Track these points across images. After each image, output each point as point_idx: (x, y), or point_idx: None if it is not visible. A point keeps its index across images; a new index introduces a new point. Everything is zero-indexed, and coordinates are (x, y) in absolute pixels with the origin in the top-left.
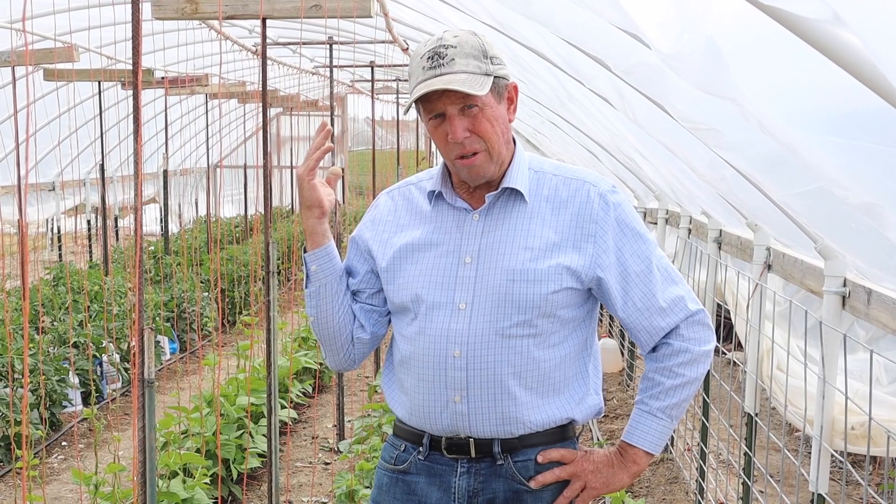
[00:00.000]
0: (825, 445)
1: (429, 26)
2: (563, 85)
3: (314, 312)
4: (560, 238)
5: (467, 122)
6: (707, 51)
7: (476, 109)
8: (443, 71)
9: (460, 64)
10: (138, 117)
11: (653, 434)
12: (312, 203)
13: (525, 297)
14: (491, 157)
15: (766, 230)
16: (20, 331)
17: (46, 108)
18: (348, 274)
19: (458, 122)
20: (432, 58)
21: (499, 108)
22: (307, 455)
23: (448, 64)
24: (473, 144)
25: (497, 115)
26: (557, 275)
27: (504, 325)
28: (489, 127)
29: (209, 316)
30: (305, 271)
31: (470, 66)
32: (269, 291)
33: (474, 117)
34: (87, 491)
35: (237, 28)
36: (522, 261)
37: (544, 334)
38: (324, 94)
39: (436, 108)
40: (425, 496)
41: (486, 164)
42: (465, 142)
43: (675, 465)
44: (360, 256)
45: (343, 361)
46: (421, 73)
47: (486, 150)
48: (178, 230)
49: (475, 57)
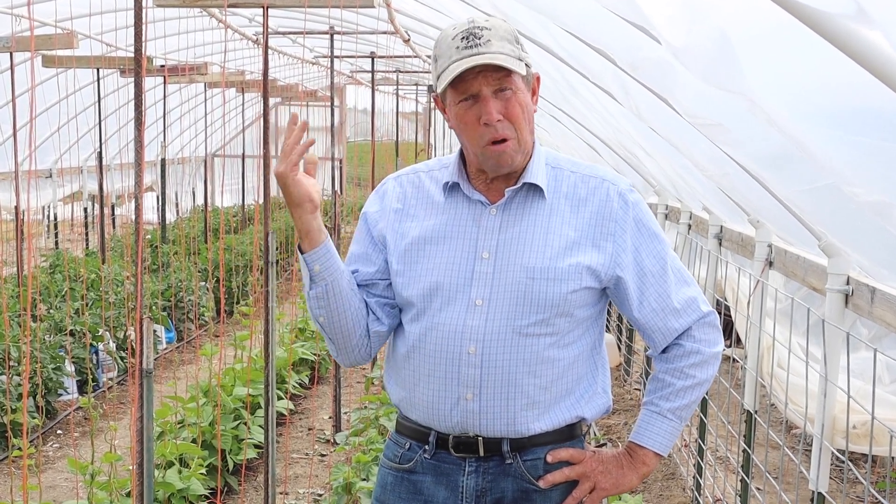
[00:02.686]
0: (826, 444)
1: (431, 17)
2: (566, 78)
3: (324, 314)
4: (579, 236)
5: (500, 105)
6: (717, 44)
7: (510, 93)
8: (481, 50)
9: (497, 45)
10: (140, 105)
11: (662, 435)
12: (302, 199)
13: (545, 295)
14: (519, 144)
15: (768, 227)
16: (16, 318)
17: (45, 95)
18: (362, 265)
19: (491, 104)
20: (467, 38)
21: (527, 95)
22: (304, 446)
23: (485, 44)
24: (505, 130)
25: (526, 102)
26: (577, 274)
27: (522, 324)
28: (519, 113)
29: (206, 306)
30: (307, 274)
31: (506, 49)
32: (267, 282)
33: (507, 101)
34: (83, 480)
35: (237, 17)
36: (543, 259)
37: (560, 333)
38: (323, 85)
39: (470, 89)
40: (432, 495)
41: (515, 152)
42: (498, 125)
43: (673, 462)
44: (374, 247)
45: (358, 357)
46: (455, 52)
47: (516, 137)
48: (176, 219)
49: (509, 41)
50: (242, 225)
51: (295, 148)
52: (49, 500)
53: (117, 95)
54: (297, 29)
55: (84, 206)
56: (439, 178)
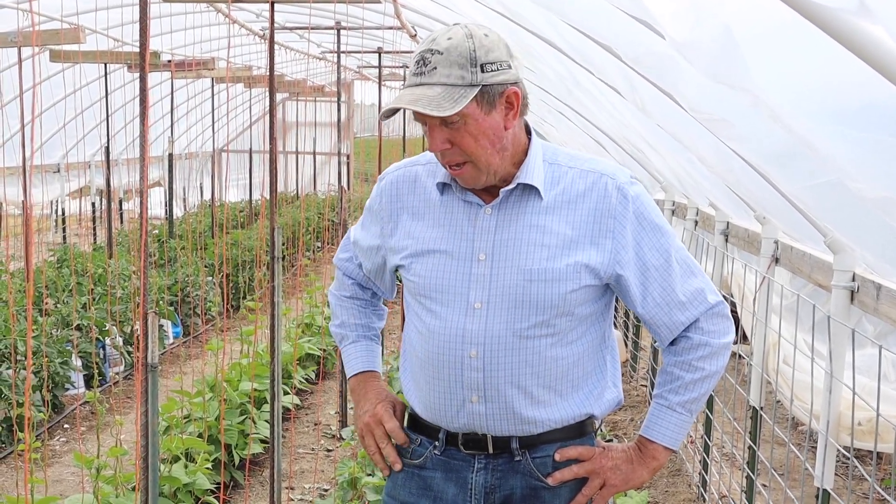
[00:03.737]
0: (831, 440)
1: (437, 12)
2: (572, 73)
3: None
4: (577, 234)
5: (448, 133)
6: (721, 40)
7: (458, 123)
8: (422, 80)
9: (440, 74)
10: (145, 100)
11: (672, 429)
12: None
13: (543, 297)
14: (479, 168)
15: (774, 223)
16: (23, 312)
17: (52, 90)
18: (365, 259)
19: (437, 133)
20: (419, 62)
21: (487, 118)
22: (309, 441)
23: (429, 73)
24: (455, 157)
25: (483, 128)
26: (576, 273)
27: (522, 326)
28: (471, 142)
29: (213, 300)
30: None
31: (451, 77)
32: (273, 277)
33: (456, 130)
34: (89, 474)
35: (244, 12)
36: (539, 259)
37: (562, 332)
38: (330, 80)
39: (417, 117)
40: (441, 492)
41: (474, 174)
42: (445, 153)
43: (678, 458)
44: (378, 240)
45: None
46: (409, 76)
47: (472, 162)
48: (183, 214)
49: (461, 66)
50: (249, 220)
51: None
52: (55, 493)
53: (124, 91)
54: (303, 24)
55: (91, 200)
56: (434, 173)
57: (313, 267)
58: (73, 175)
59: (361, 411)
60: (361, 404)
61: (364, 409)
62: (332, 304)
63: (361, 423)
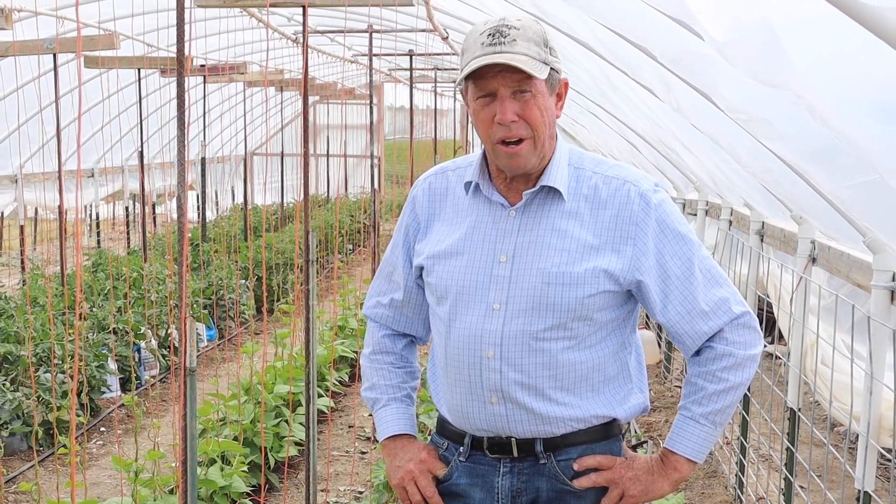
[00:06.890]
0: (872, 442)
1: (469, 15)
2: (606, 74)
3: None
4: (598, 241)
5: (518, 106)
6: (762, 38)
7: (529, 95)
8: (504, 49)
9: (521, 46)
10: (182, 105)
11: (695, 441)
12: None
13: (560, 300)
14: (535, 146)
15: (811, 223)
16: (61, 316)
17: (88, 96)
18: (397, 293)
19: (508, 103)
20: (493, 35)
21: (550, 99)
22: (344, 444)
23: (510, 44)
24: (520, 130)
25: (547, 106)
26: (595, 278)
27: (538, 329)
28: (538, 115)
29: (246, 304)
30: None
31: (531, 51)
32: (307, 280)
33: (526, 102)
34: (127, 477)
35: (276, 16)
36: (558, 263)
37: (580, 337)
38: (361, 83)
39: (488, 87)
40: (468, 497)
41: (529, 154)
42: (511, 125)
43: (714, 459)
44: (408, 270)
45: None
46: (479, 48)
47: (532, 138)
48: (215, 217)
49: (536, 43)
50: (282, 223)
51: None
52: (93, 496)
53: (158, 95)
54: (336, 27)
55: (125, 205)
56: (464, 177)
57: (346, 269)
58: (108, 179)
59: (400, 461)
60: (399, 455)
61: (407, 458)
62: (364, 366)
63: (403, 472)
